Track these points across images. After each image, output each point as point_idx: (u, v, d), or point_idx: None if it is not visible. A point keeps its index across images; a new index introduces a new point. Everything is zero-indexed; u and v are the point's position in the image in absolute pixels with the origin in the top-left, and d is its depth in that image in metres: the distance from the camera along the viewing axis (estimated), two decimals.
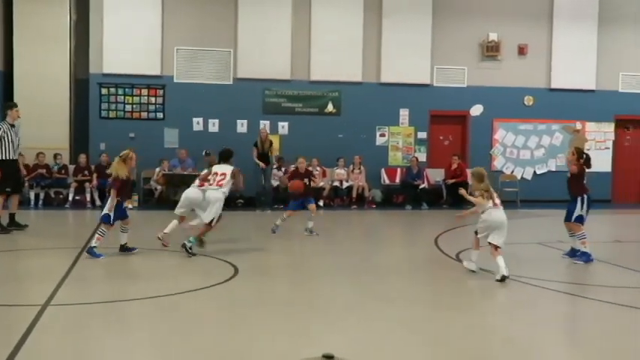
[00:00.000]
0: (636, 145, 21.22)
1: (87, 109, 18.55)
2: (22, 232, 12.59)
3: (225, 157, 10.95)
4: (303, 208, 12.49)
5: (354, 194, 18.65)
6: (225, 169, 10.57)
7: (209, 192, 10.38)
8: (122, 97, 18.61)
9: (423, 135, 20.00)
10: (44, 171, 17.51)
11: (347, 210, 18.02)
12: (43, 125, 17.72)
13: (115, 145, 17.37)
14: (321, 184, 18.55)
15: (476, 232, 9.15)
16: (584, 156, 10.55)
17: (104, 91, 18.51)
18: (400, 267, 9.97)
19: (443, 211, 17.91)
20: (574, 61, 20.37)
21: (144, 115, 18.74)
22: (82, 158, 17.84)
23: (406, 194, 18.78)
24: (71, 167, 17.94)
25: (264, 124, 18.64)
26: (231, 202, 16.73)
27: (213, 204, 10.25)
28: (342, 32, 19.34)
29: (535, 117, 20.46)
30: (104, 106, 18.55)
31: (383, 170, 19.61)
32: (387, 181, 19.48)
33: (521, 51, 20.36)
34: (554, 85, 20.45)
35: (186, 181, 17.84)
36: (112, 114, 18.58)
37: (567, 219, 10.38)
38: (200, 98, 18.75)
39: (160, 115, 18.81)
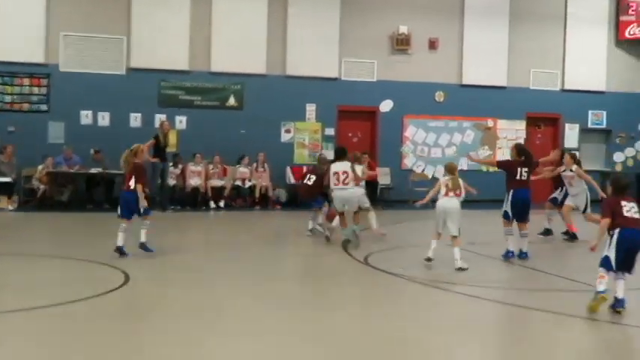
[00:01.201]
0: (547, 143, 21.92)
1: None
2: None
3: (340, 156, 12.13)
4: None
5: (257, 194, 18.46)
6: (345, 166, 11.79)
7: (350, 190, 11.82)
8: (0, 86, 17.80)
9: (330, 131, 20.03)
10: None
11: (250, 211, 17.82)
12: None
13: None
14: (222, 183, 18.29)
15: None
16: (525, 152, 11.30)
17: None
18: (305, 272, 9.87)
19: None
20: (485, 57, 20.87)
21: (25, 107, 17.99)
22: None
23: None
24: None
25: (161, 118, 18.20)
26: None
27: (360, 198, 12.16)
28: (245, 21, 19.15)
29: (446, 114, 20.83)
30: None
31: (288, 168, 19.52)
32: (293, 180, 19.40)
33: (432, 45, 20.69)
34: (465, 81, 20.90)
35: (72, 180, 17.37)
36: None
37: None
38: (89, 89, 18.15)
39: (43, 107, 18.11)
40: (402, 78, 20.29)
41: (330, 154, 19.41)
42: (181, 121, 18.91)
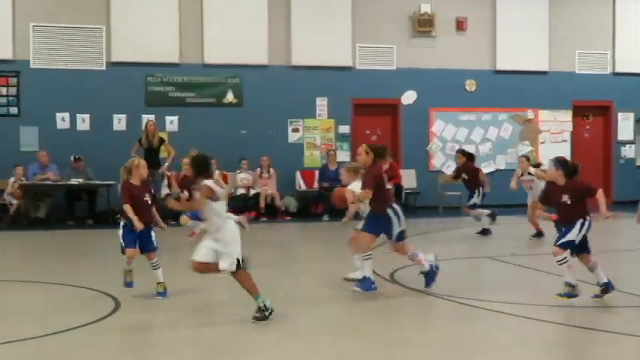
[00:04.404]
0: (597, 136, 21.89)
1: None
2: None
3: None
4: None
5: (262, 203, 18.47)
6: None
7: None
8: None
9: (345, 129, 20.09)
10: None
11: (254, 223, 17.81)
12: None
13: None
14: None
15: None
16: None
17: None
18: (314, 295, 9.87)
19: None
20: (523, 38, 20.87)
21: None
22: None
23: (324, 202, 18.81)
24: None
25: (148, 119, 18.27)
26: (109, 219, 16.38)
27: None
28: (242, 3, 19.22)
29: (479, 105, 20.86)
30: None
31: (298, 173, 19.57)
32: (304, 187, 19.44)
33: (460, 26, 20.73)
34: (499, 67, 20.92)
35: (49, 192, 17.46)
36: None
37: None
38: (65, 88, 18.25)
39: (13, 109, 18.25)
40: (426, 65, 20.34)
41: (344, 156, 19.57)
42: (172, 122, 19.00)
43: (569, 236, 8.57)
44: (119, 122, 18.70)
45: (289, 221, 18.34)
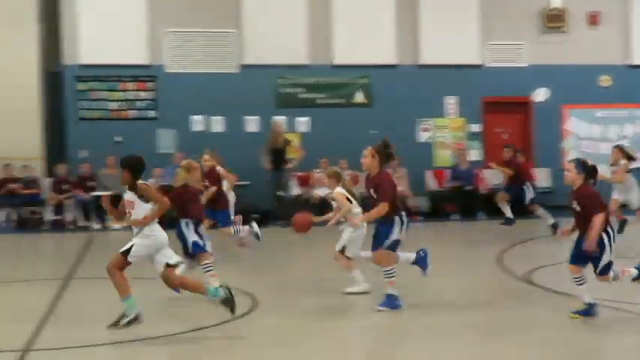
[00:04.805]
0: None
1: (62, 108, 18.54)
2: None
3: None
4: None
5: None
6: None
7: None
8: (104, 92, 18.62)
9: (475, 128, 19.92)
10: (17, 186, 17.51)
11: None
12: (8, 129, 17.62)
13: (99, 151, 17.47)
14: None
15: None
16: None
17: (82, 86, 18.52)
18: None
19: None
20: None
21: (132, 113, 18.76)
22: (61, 169, 17.83)
23: (455, 201, 18.72)
24: (47, 181, 17.94)
25: (277, 120, 18.58)
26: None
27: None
28: (370, 4, 19.30)
29: (614, 101, 20.36)
30: (83, 104, 18.55)
31: (428, 173, 19.51)
32: (434, 187, 19.36)
33: (593, 20, 20.29)
34: (636, 61, 20.36)
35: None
36: (92, 114, 18.59)
37: None
38: (199, 91, 18.73)
39: (151, 113, 18.81)
40: (558, 61, 19.97)
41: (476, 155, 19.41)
42: (303, 123, 19.23)
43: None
44: (251, 124, 19.03)
45: (420, 221, 18.20)
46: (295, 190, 18.33)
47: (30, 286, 10.50)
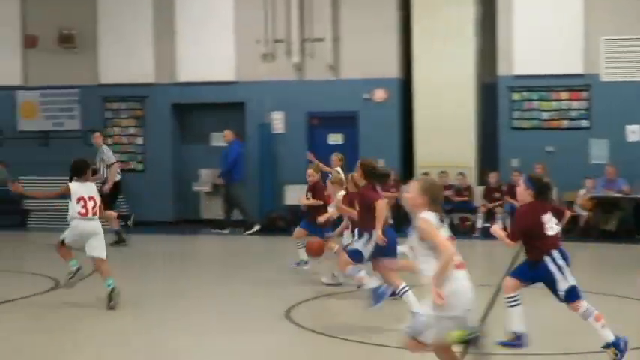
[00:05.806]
0: None
1: (494, 118, 19.13)
2: None
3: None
4: None
5: None
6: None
7: None
8: (537, 102, 18.92)
9: None
10: (450, 193, 18.40)
11: None
12: (445, 139, 18.62)
13: (529, 160, 17.73)
14: None
15: None
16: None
17: (516, 96, 18.99)
18: None
19: None
20: None
21: (564, 123, 18.80)
22: (492, 177, 18.46)
23: None
24: (479, 189, 18.73)
25: None
26: None
27: None
28: None
29: None
30: (516, 114, 19.05)
31: None
32: None
33: None
34: None
35: (619, 205, 17.46)
36: (525, 124, 19.00)
37: None
38: (637, 101, 18.20)
39: (584, 122, 18.67)
40: None
41: None
42: None
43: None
44: None
45: None
46: None
47: None
